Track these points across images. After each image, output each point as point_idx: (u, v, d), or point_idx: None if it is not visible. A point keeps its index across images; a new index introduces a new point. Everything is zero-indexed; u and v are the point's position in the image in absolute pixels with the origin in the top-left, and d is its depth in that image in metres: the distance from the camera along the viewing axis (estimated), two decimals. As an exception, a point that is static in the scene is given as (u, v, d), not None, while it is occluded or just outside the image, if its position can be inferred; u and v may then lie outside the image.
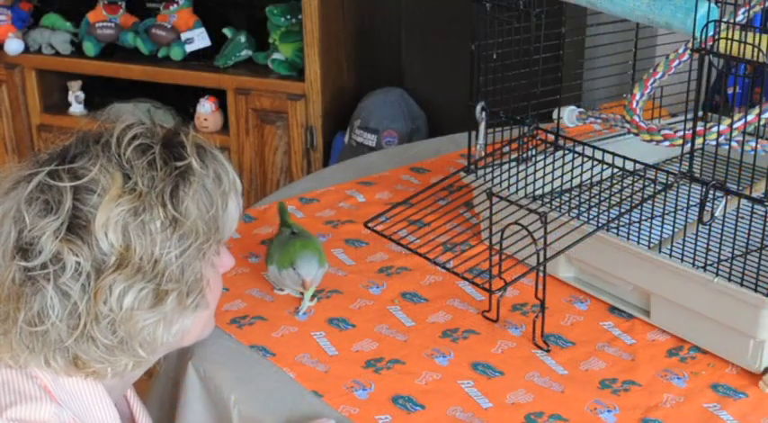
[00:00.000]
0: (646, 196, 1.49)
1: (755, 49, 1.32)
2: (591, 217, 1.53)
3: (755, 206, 1.41)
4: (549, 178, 1.64)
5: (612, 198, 1.56)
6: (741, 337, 1.37)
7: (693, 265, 1.41)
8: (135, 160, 1.12)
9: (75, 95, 3.46)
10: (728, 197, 1.40)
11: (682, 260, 1.43)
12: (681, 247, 1.43)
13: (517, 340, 1.48)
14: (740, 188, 1.49)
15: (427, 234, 1.54)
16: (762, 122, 1.40)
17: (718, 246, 1.42)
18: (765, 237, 1.40)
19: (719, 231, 1.41)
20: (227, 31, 3.30)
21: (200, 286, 1.17)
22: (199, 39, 3.34)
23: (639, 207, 1.48)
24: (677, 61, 1.58)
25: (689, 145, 1.42)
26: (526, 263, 1.42)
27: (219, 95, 3.27)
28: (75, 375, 1.14)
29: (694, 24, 1.35)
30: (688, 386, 1.37)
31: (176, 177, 1.13)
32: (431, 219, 1.59)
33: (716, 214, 1.40)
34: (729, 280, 1.37)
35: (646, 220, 1.54)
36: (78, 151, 1.14)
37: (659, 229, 1.53)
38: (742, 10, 1.46)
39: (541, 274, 1.43)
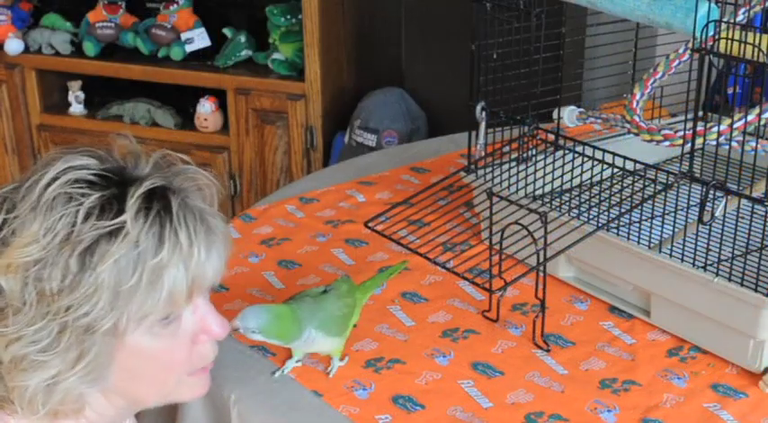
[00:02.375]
0: (646, 196, 1.49)
1: (755, 49, 1.32)
2: (591, 217, 1.53)
3: (755, 206, 1.41)
4: (549, 178, 1.64)
5: (612, 198, 1.56)
6: (741, 337, 1.37)
7: (693, 265, 1.41)
8: (55, 210, 1.00)
9: (75, 95, 3.46)
10: (728, 197, 1.40)
11: (682, 260, 1.43)
12: (681, 247, 1.43)
13: (517, 340, 1.48)
14: (740, 188, 1.49)
15: (427, 234, 1.54)
16: (762, 122, 1.40)
17: (718, 246, 1.42)
18: (765, 237, 1.40)
19: (719, 231, 1.41)
20: (227, 31, 3.30)
21: (95, 363, 1.03)
22: (199, 39, 3.33)
23: (639, 207, 1.48)
24: (677, 61, 1.58)
25: (689, 145, 1.42)
26: (526, 263, 1.42)
27: (219, 95, 3.27)
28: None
29: (694, 24, 1.35)
30: (688, 386, 1.37)
31: (98, 237, 0.99)
32: (431, 219, 1.59)
33: (716, 214, 1.40)
34: (729, 280, 1.37)
35: (646, 220, 1.54)
36: (33, 177, 1.04)
37: (659, 229, 1.53)
38: (742, 10, 1.46)
39: (541, 274, 1.43)
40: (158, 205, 1.03)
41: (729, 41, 1.35)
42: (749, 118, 1.39)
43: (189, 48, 3.33)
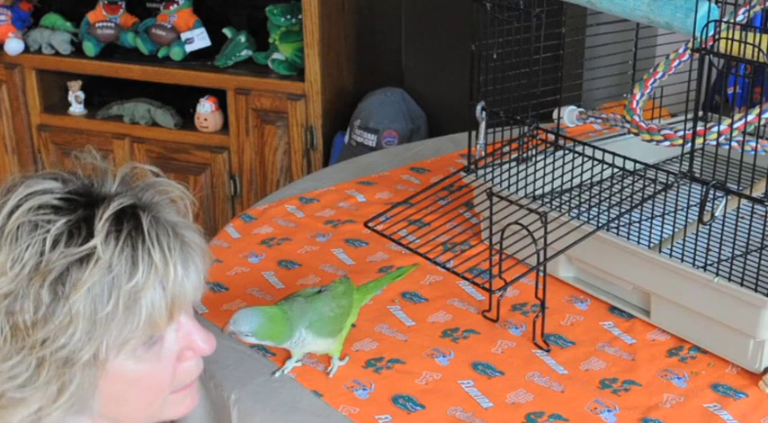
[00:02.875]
0: (646, 196, 1.49)
1: (755, 49, 1.32)
2: (591, 217, 1.53)
3: (755, 206, 1.41)
4: (549, 178, 1.64)
5: (612, 198, 1.56)
6: (741, 337, 1.37)
7: (693, 265, 1.41)
8: (21, 239, 0.96)
9: (75, 95, 3.46)
10: (728, 197, 1.40)
11: (682, 260, 1.43)
12: (681, 247, 1.43)
13: (517, 340, 1.48)
14: (740, 188, 1.49)
15: (427, 234, 1.54)
16: (762, 122, 1.40)
17: (718, 246, 1.42)
18: (765, 237, 1.40)
19: (719, 231, 1.41)
20: (227, 31, 3.30)
21: (78, 396, 0.99)
22: (199, 39, 3.33)
23: (639, 207, 1.48)
24: (677, 61, 1.58)
25: (689, 145, 1.42)
26: (526, 263, 1.42)
27: (219, 95, 3.27)
28: None
29: (694, 24, 1.35)
30: (688, 386, 1.37)
31: (69, 265, 0.95)
32: (431, 218, 1.59)
33: (716, 214, 1.40)
34: (729, 280, 1.37)
35: (646, 220, 1.54)
36: None
37: (659, 229, 1.53)
38: (742, 10, 1.46)
39: (541, 274, 1.43)
40: (129, 226, 0.98)
41: (729, 41, 1.35)
42: (749, 118, 1.39)
43: (189, 48, 3.32)
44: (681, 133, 1.45)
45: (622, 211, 1.48)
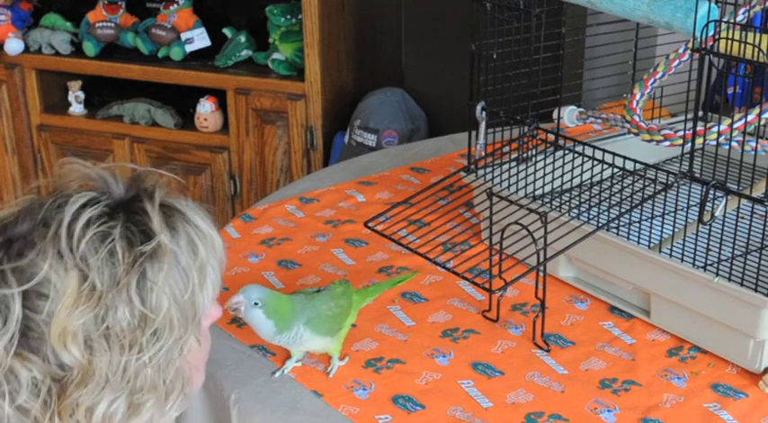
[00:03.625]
0: (646, 196, 1.49)
1: (755, 49, 1.32)
2: (591, 217, 1.53)
3: (755, 206, 1.41)
4: (549, 178, 1.64)
5: (612, 198, 1.56)
6: (741, 337, 1.37)
7: (693, 265, 1.41)
8: (91, 255, 0.95)
9: (75, 95, 3.46)
10: (728, 197, 1.41)
11: (682, 260, 1.43)
12: (681, 247, 1.43)
13: (517, 340, 1.48)
14: (740, 188, 1.49)
15: (427, 234, 1.54)
16: (762, 122, 1.40)
17: (718, 246, 1.42)
18: (765, 237, 1.40)
19: (719, 231, 1.41)
20: (227, 31, 3.30)
21: (182, 383, 1.03)
22: (199, 39, 3.33)
23: (639, 207, 1.48)
24: (677, 61, 1.58)
25: (689, 145, 1.42)
26: (526, 263, 1.42)
27: (219, 95, 3.27)
28: None
29: (694, 24, 1.35)
30: (688, 386, 1.37)
31: (143, 263, 0.97)
32: (431, 219, 1.59)
33: (716, 214, 1.40)
34: (729, 280, 1.37)
35: (646, 220, 1.54)
36: (23, 233, 0.98)
37: (659, 229, 1.53)
38: (742, 10, 1.46)
39: (541, 274, 1.43)
40: (170, 212, 1.02)
41: (729, 41, 1.35)
42: (749, 118, 1.39)
43: (189, 48, 3.32)
44: (681, 133, 1.45)
45: (622, 211, 1.48)
